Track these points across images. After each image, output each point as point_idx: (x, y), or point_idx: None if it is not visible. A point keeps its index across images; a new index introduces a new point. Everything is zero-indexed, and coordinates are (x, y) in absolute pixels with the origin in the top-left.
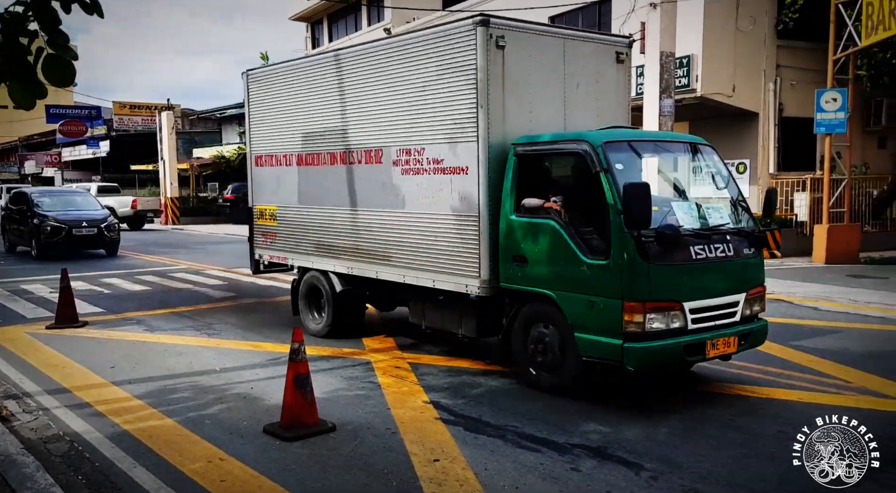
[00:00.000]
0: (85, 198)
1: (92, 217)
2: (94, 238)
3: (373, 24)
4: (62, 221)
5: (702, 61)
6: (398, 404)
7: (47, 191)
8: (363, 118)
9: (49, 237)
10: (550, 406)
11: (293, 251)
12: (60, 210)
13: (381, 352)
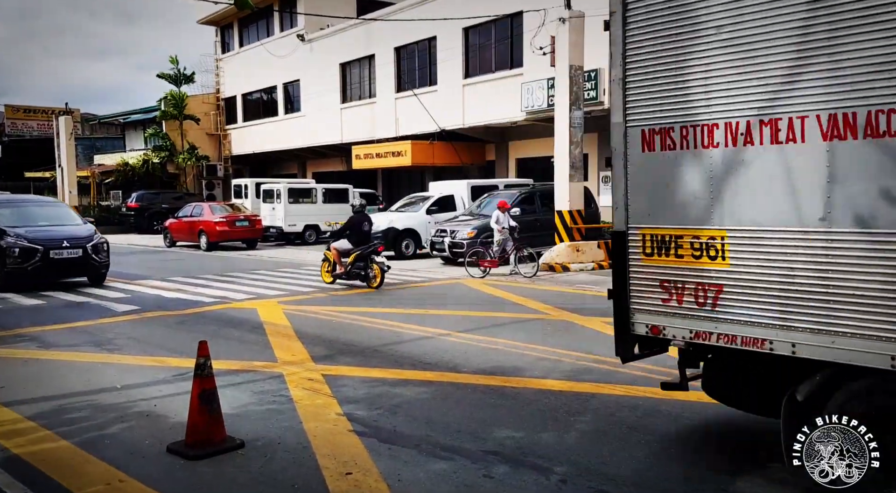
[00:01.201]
0: (58, 208)
1: (74, 234)
2: (79, 262)
3: (285, 29)
4: (35, 240)
5: (609, 75)
6: (311, 417)
7: (6, 200)
8: None
9: (18, 263)
10: (466, 415)
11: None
12: (29, 225)
13: (294, 364)
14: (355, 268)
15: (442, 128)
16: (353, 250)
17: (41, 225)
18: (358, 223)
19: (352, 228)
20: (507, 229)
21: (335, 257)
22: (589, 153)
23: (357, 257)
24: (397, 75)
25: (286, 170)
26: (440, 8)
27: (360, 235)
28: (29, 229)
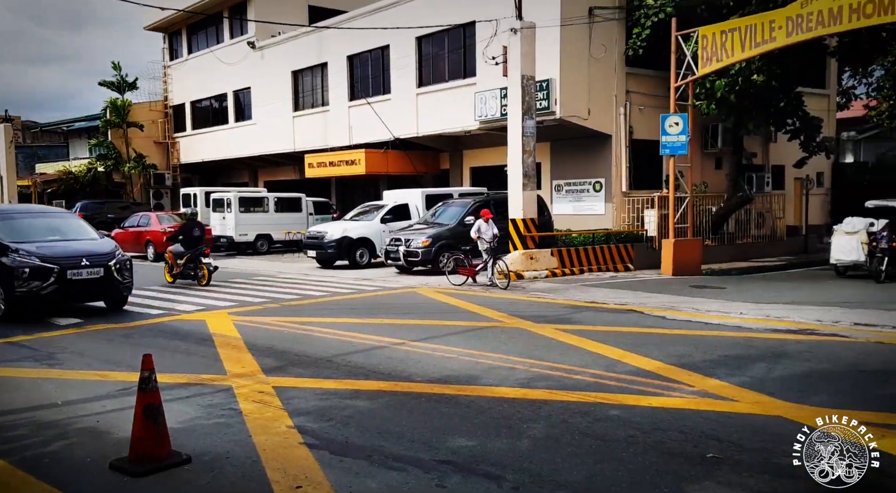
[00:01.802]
0: (68, 220)
1: (94, 250)
2: (100, 284)
3: (235, 37)
4: (48, 257)
5: (560, 85)
6: (260, 430)
7: (6, 210)
8: None
9: (28, 286)
10: (419, 424)
11: None
12: (38, 240)
13: (243, 377)
14: (187, 268)
15: (396, 136)
16: (185, 252)
17: (52, 240)
18: (189, 229)
19: (184, 234)
20: (492, 238)
21: (171, 259)
22: (542, 162)
23: (188, 258)
24: (350, 83)
25: (237, 179)
26: (393, 17)
27: (191, 239)
28: (40, 245)
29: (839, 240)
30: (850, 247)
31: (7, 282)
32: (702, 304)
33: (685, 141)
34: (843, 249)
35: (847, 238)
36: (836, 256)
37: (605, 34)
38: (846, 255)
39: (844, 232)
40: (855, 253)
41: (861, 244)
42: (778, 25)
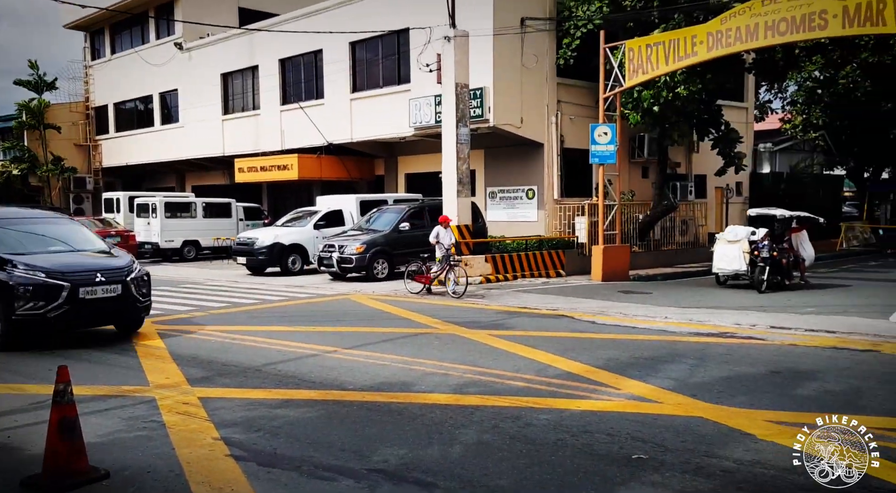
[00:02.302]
0: (70, 227)
1: (108, 264)
2: (117, 304)
3: (162, 37)
4: (56, 272)
5: (493, 94)
6: (185, 443)
7: (6, 216)
8: None
9: (33, 307)
10: (350, 433)
11: None
12: (41, 251)
13: (167, 388)
14: None
15: (329, 142)
16: None
17: (56, 251)
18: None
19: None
20: (451, 245)
21: None
22: (476, 169)
23: None
24: (282, 87)
25: (163, 183)
26: (326, 21)
27: None
28: (43, 257)
29: (721, 249)
30: (732, 256)
31: (5, 302)
32: (629, 308)
33: (614, 150)
34: (725, 257)
35: (729, 247)
36: (719, 265)
37: (536, 45)
38: (728, 264)
39: (727, 240)
40: (737, 262)
41: (743, 253)
42: (699, 40)
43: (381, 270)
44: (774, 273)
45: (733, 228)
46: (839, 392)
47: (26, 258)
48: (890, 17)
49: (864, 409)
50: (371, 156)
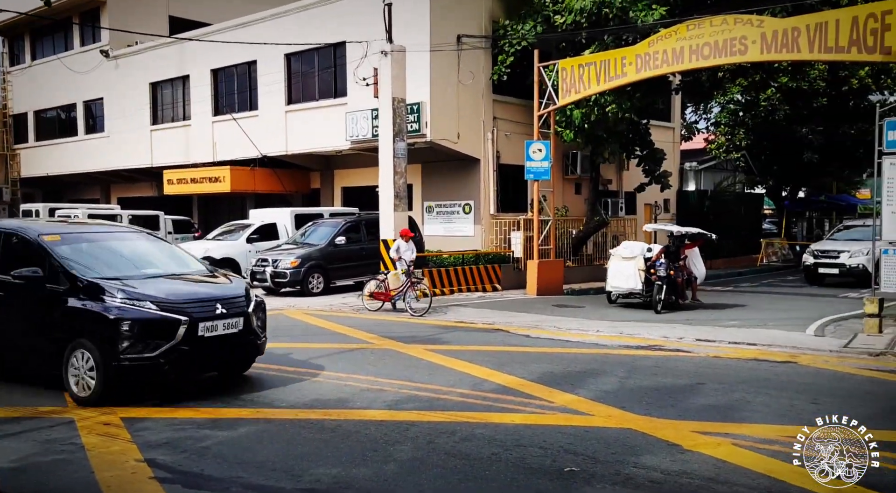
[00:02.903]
0: (157, 244)
1: (226, 292)
2: (237, 342)
3: (87, 44)
4: (170, 303)
5: (430, 109)
6: (106, 466)
7: (74, 229)
8: None
9: (142, 348)
10: (282, 452)
11: None
12: (135, 275)
13: (87, 408)
14: None
15: (264, 154)
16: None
17: (154, 274)
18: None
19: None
20: (411, 261)
21: None
22: (413, 183)
23: None
24: (214, 98)
25: (87, 195)
26: (260, 32)
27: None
28: (147, 284)
29: (616, 266)
30: (628, 273)
31: (104, 343)
32: (563, 322)
33: (548, 167)
34: (619, 275)
35: (624, 264)
36: (613, 283)
37: (473, 62)
38: (624, 282)
39: (622, 257)
40: (633, 280)
41: (638, 271)
42: (629, 62)
43: (317, 284)
44: (670, 292)
45: (629, 244)
46: (759, 402)
47: (125, 284)
48: (804, 44)
49: (783, 417)
50: (307, 169)
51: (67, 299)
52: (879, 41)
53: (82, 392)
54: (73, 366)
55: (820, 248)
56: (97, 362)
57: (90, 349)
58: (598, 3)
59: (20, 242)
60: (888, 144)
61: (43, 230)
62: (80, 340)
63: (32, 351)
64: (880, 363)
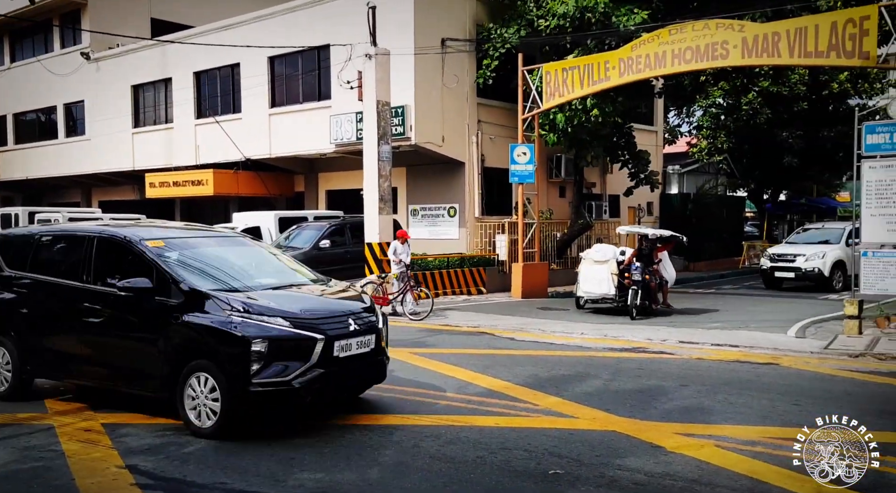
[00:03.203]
0: (264, 251)
1: (355, 307)
2: (369, 362)
3: (67, 46)
4: (303, 319)
5: (415, 112)
6: (87, 473)
7: (179, 234)
8: None
9: (276, 371)
10: (266, 457)
11: None
12: (256, 286)
13: (68, 414)
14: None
15: (247, 157)
16: None
17: (274, 286)
18: None
19: None
20: (405, 264)
21: None
22: (398, 186)
23: None
24: (197, 101)
25: (67, 198)
26: (244, 34)
27: None
28: (272, 297)
29: (588, 270)
30: (601, 278)
31: (232, 366)
32: (547, 325)
33: (532, 170)
34: (592, 280)
35: (597, 268)
36: (585, 287)
37: (457, 65)
38: (596, 287)
39: (593, 260)
40: (605, 285)
41: (611, 275)
42: (612, 66)
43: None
44: (644, 297)
45: (601, 246)
46: (741, 404)
47: (248, 297)
48: (784, 49)
49: (765, 419)
50: (291, 172)
51: (182, 314)
52: (858, 46)
53: (203, 422)
54: (191, 392)
55: (776, 252)
56: (222, 387)
57: (213, 373)
58: (581, 7)
59: (118, 248)
60: (867, 147)
61: (145, 235)
62: (199, 362)
63: (138, 375)
64: (860, 365)
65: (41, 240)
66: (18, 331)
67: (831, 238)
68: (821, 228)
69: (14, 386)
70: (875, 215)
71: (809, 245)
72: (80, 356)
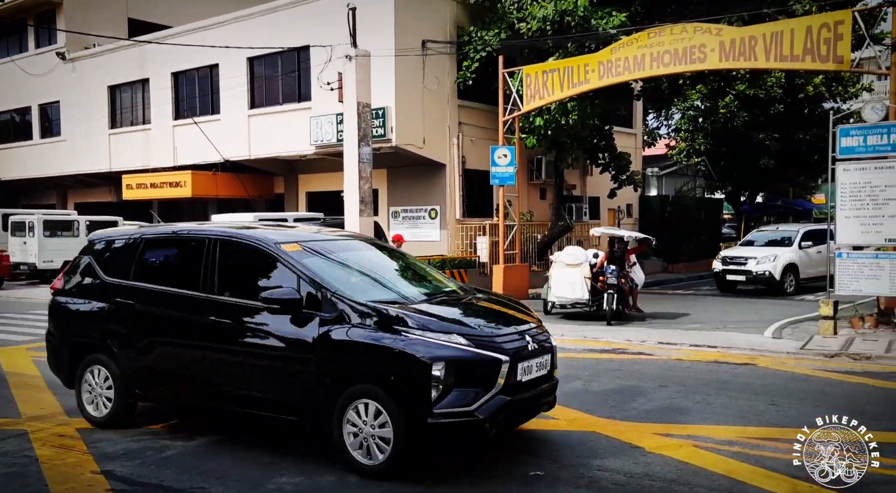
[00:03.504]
0: (392, 255)
1: (527, 325)
2: (545, 385)
3: (42, 46)
4: (484, 337)
5: (395, 114)
6: (60, 479)
7: (310, 236)
8: None
9: (458, 398)
10: (245, 462)
11: None
12: (415, 299)
13: (42, 420)
14: None
15: (226, 158)
16: None
17: (432, 296)
18: None
19: None
20: None
21: None
22: (379, 188)
23: None
24: (175, 102)
25: (42, 200)
26: (222, 35)
27: None
28: (439, 310)
29: (560, 273)
30: (573, 282)
31: (407, 391)
32: None
33: (513, 172)
34: (564, 284)
35: (569, 271)
36: (558, 292)
37: (438, 67)
38: (569, 291)
39: (565, 264)
40: (579, 289)
41: (584, 279)
42: (592, 69)
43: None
44: (619, 302)
45: (573, 249)
46: (719, 404)
47: (416, 311)
48: (761, 53)
49: (742, 418)
50: (270, 173)
51: (338, 329)
52: (832, 51)
53: (370, 458)
54: (352, 423)
55: (728, 254)
56: (395, 417)
57: (382, 401)
58: (561, 11)
59: (248, 253)
60: (841, 150)
61: (277, 238)
62: (362, 386)
63: (280, 401)
64: (835, 365)
65: (147, 243)
66: (123, 348)
67: (785, 241)
68: (775, 231)
69: (116, 411)
70: (850, 217)
71: (762, 248)
72: (203, 378)
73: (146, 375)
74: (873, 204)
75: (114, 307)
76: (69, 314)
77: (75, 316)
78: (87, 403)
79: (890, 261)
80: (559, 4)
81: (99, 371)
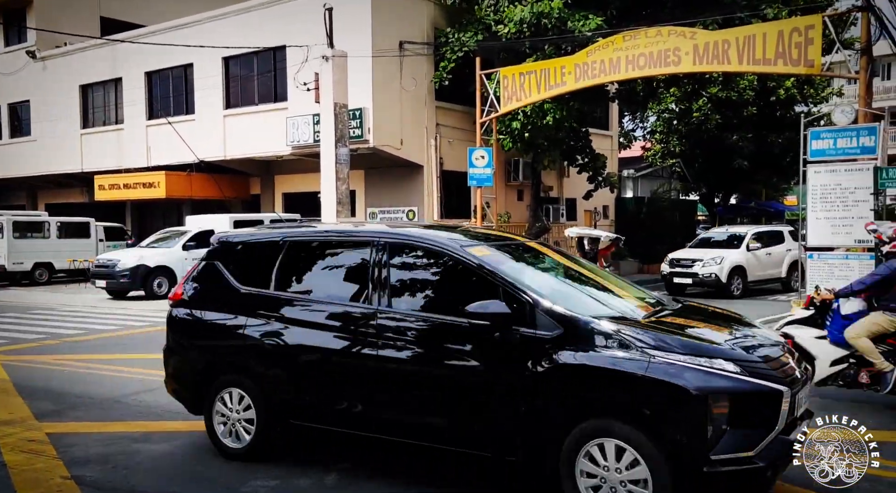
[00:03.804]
0: (565, 263)
1: (778, 343)
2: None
3: (12, 44)
4: (753, 363)
5: (373, 115)
6: (29, 485)
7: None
8: None
9: (738, 442)
10: (218, 465)
11: None
12: (630, 312)
13: (10, 424)
14: None
15: (201, 159)
16: None
17: (642, 308)
18: None
19: None
20: None
21: None
22: (356, 189)
23: None
24: (149, 101)
25: (11, 201)
26: (197, 35)
27: None
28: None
29: None
30: None
31: (672, 433)
32: None
33: (490, 174)
34: None
35: None
36: None
37: (415, 68)
38: None
39: None
40: None
41: None
42: (568, 71)
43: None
44: None
45: None
46: None
47: (654, 328)
48: (734, 56)
49: None
50: (246, 174)
51: (562, 351)
52: (803, 54)
53: None
54: (589, 467)
55: (676, 256)
56: (654, 465)
57: (635, 442)
58: (537, 13)
59: (428, 258)
60: (812, 153)
61: (462, 240)
62: (602, 422)
63: (484, 435)
64: None
65: (291, 246)
66: (267, 369)
67: (734, 242)
68: (724, 232)
69: (257, 442)
70: (820, 219)
71: (709, 250)
72: (375, 405)
73: (296, 400)
74: (843, 205)
75: (256, 322)
76: (195, 329)
77: (203, 331)
78: (221, 434)
79: (859, 262)
80: (536, 7)
81: (237, 395)
